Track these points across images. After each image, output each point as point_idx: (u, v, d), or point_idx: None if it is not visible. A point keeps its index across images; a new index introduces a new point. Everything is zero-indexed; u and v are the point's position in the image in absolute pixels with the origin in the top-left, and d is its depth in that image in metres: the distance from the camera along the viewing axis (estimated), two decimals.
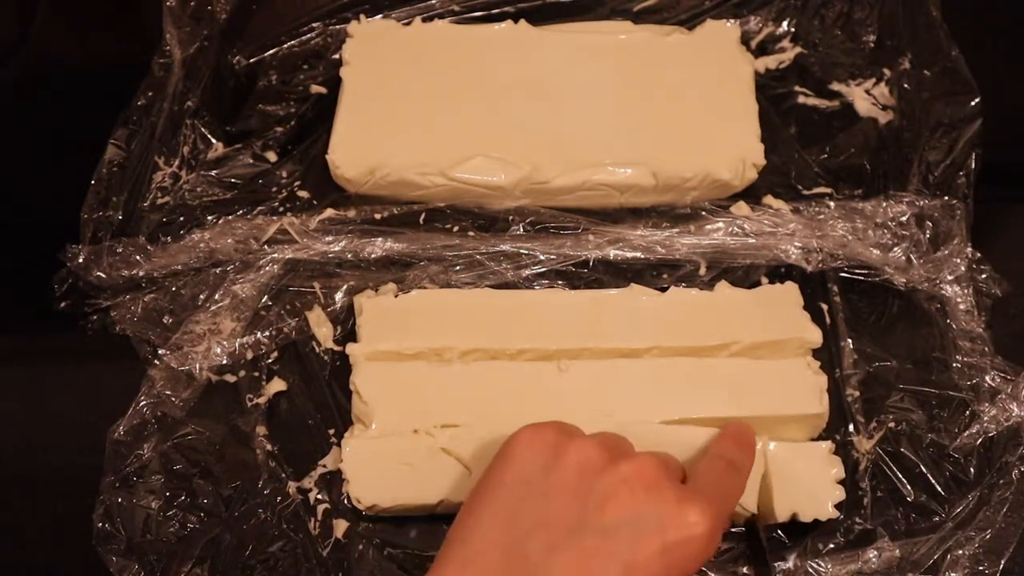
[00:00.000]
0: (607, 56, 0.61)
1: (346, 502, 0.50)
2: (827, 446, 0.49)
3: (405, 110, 0.59)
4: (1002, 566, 0.46)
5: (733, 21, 0.63)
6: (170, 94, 0.59)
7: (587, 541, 0.38)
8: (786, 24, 0.64)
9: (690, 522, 0.38)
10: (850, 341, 0.54)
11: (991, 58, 0.61)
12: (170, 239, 0.56)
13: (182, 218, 0.57)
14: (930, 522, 0.48)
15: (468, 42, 0.61)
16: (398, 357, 0.51)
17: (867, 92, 0.62)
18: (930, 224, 0.55)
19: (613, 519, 0.38)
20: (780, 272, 0.56)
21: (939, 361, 0.52)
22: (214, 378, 0.53)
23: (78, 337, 0.55)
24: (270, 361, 0.54)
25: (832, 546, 0.48)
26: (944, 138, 0.57)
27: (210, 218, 0.57)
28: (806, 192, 0.58)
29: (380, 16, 0.64)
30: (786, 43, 0.64)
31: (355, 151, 0.57)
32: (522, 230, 0.57)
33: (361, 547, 0.49)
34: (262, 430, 0.52)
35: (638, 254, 0.56)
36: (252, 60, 0.64)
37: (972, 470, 0.49)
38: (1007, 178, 0.60)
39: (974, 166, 0.56)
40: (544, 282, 0.55)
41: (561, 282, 0.55)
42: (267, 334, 0.54)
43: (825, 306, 0.55)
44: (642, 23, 0.63)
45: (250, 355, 0.54)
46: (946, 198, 0.55)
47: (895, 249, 0.55)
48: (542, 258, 0.55)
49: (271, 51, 0.64)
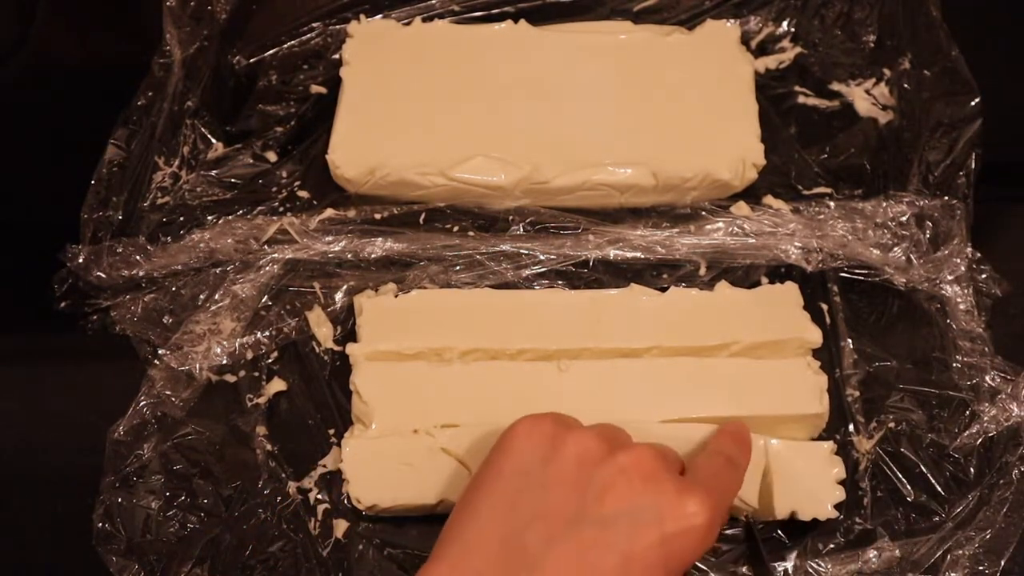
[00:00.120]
0: (607, 56, 0.61)
1: (346, 502, 0.50)
2: (829, 446, 0.49)
3: (405, 110, 0.59)
4: (1002, 566, 0.46)
5: (733, 21, 0.63)
6: (170, 94, 0.59)
7: (585, 532, 0.38)
8: (786, 24, 0.64)
9: (689, 513, 0.38)
10: (850, 341, 0.54)
11: (991, 58, 0.60)
12: (170, 239, 0.56)
13: (182, 218, 0.57)
14: (930, 522, 0.48)
15: (468, 42, 0.61)
16: (398, 357, 0.51)
17: (867, 92, 0.62)
18: (930, 224, 0.55)
19: (611, 510, 0.38)
20: (780, 272, 0.56)
21: (939, 361, 0.52)
22: (214, 378, 0.53)
23: (78, 337, 0.55)
24: (270, 361, 0.54)
25: (832, 546, 0.48)
26: (944, 138, 0.57)
27: (210, 218, 0.57)
28: (806, 192, 0.58)
29: (380, 16, 0.64)
30: (786, 43, 0.64)
31: (355, 151, 0.57)
32: (522, 230, 0.57)
33: (361, 547, 0.49)
34: (262, 430, 0.52)
35: (638, 254, 0.56)
36: (252, 60, 0.64)
37: (972, 470, 0.49)
38: (1007, 178, 0.60)
39: (974, 166, 0.56)
40: (544, 282, 0.55)
41: (561, 282, 0.55)
42: (267, 334, 0.54)
43: (825, 306, 0.55)
44: (642, 23, 0.63)
45: (250, 355, 0.54)
46: (946, 198, 0.55)
47: (895, 249, 0.55)
48: (542, 258, 0.55)
49: (271, 51, 0.64)
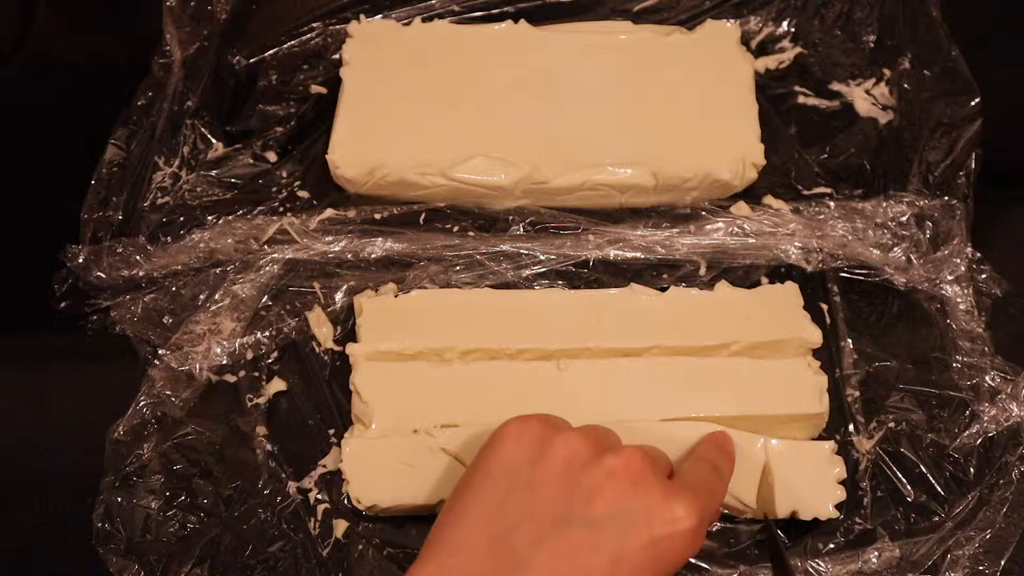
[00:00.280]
0: (607, 56, 0.61)
1: (346, 502, 0.50)
2: (830, 446, 0.49)
3: (405, 110, 0.59)
4: (1002, 566, 0.46)
5: (733, 21, 0.63)
6: (170, 94, 0.60)
7: (574, 534, 0.38)
8: (786, 24, 0.64)
9: (677, 516, 0.38)
10: (850, 341, 0.54)
11: (991, 58, 0.60)
12: (170, 239, 0.56)
13: (182, 218, 0.57)
14: (930, 522, 0.48)
15: (468, 42, 0.61)
16: (398, 357, 0.51)
17: (867, 92, 0.62)
18: (930, 224, 0.55)
19: (600, 512, 0.38)
20: (780, 272, 0.56)
21: (939, 361, 0.52)
22: (214, 378, 0.53)
23: (78, 337, 0.55)
24: (270, 361, 0.54)
25: (832, 546, 0.48)
26: (944, 138, 0.57)
27: (210, 218, 0.57)
28: (806, 192, 0.58)
29: (380, 16, 0.64)
30: (786, 43, 0.64)
31: (355, 151, 0.57)
32: (522, 230, 0.57)
33: (361, 547, 0.49)
34: (262, 430, 0.52)
35: (638, 254, 0.56)
36: (252, 60, 0.64)
37: (972, 470, 0.49)
38: (1007, 178, 0.60)
39: (974, 166, 0.56)
40: (544, 282, 0.55)
41: (561, 282, 0.55)
42: (267, 334, 0.54)
43: (825, 306, 0.55)
44: (642, 23, 0.63)
45: (250, 355, 0.54)
46: (946, 198, 0.55)
47: (895, 249, 0.55)
48: (542, 258, 0.55)
49: (271, 51, 0.64)
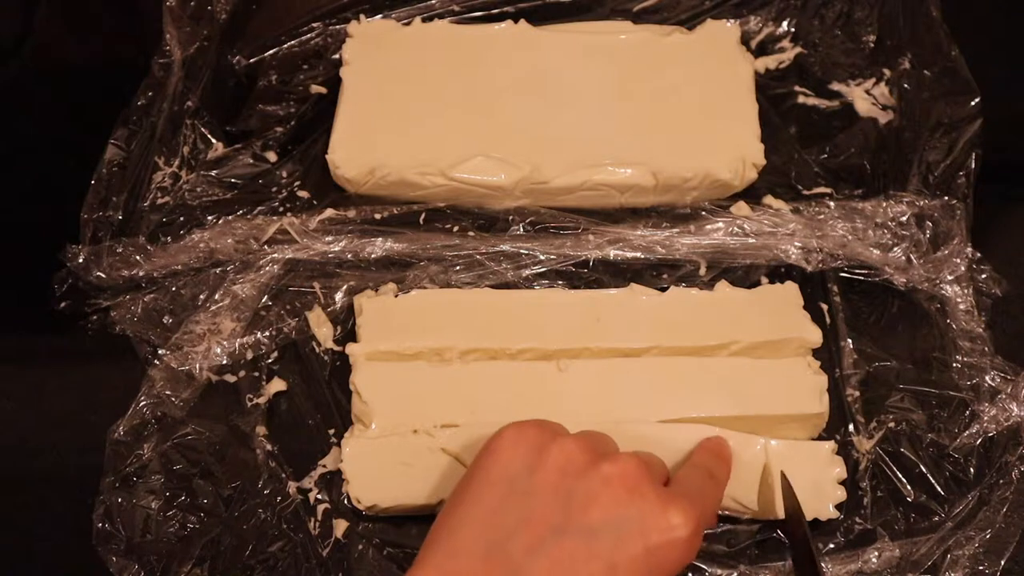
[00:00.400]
0: (607, 56, 0.61)
1: (346, 502, 0.50)
2: (830, 446, 0.49)
3: (405, 110, 0.59)
4: (1002, 566, 0.46)
5: (733, 21, 0.63)
6: (170, 94, 0.60)
7: (570, 541, 0.38)
8: (786, 24, 0.64)
9: (673, 524, 0.38)
10: (850, 341, 0.53)
11: (991, 58, 0.60)
12: (170, 239, 0.56)
13: (182, 218, 0.57)
14: (930, 522, 0.48)
15: (468, 42, 0.61)
16: (398, 357, 0.51)
17: (867, 92, 0.62)
18: (930, 224, 0.55)
19: (596, 520, 0.38)
20: (780, 272, 0.56)
21: (939, 361, 0.52)
22: (214, 378, 0.53)
23: (78, 337, 0.55)
24: (270, 361, 0.54)
25: (832, 546, 0.48)
26: (944, 138, 0.57)
27: (210, 218, 0.57)
28: (806, 192, 0.58)
29: (380, 16, 0.64)
30: (786, 43, 0.64)
31: (355, 151, 0.57)
32: (522, 230, 0.57)
33: (361, 547, 0.49)
34: (262, 430, 0.52)
35: (638, 254, 0.56)
36: (252, 60, 0.64)
37: (972, 470, 0.49)
38: (1007, 178, 0.60)
39: (974, 166, 0.56)
40: (544, 282, 0.55)
41: (561, 282, 0.55)
42: (267, 334, 0.54)
43: (825, 306, 0.55)
44: (642, 23, 0.63)
45: (250, 355, 0.54)
46: (946, 198, 0.55)
47: (895, 249, 0.55)
48: (542, 258, 0.55)
49: (271, 51, 0.64)
